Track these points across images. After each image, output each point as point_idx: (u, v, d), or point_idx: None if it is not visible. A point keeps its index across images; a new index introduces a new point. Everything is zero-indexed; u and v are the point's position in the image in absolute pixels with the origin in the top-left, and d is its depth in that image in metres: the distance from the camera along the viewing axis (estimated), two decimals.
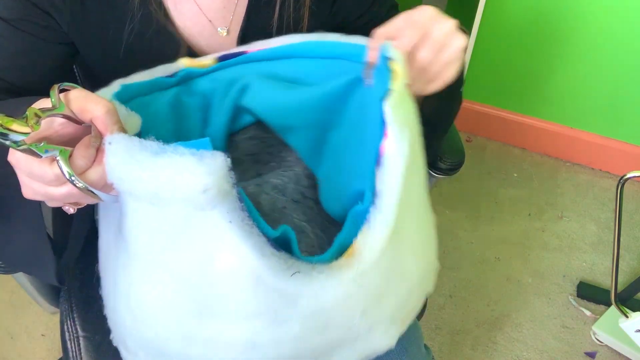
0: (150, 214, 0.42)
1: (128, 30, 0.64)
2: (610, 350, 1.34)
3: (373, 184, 0.46)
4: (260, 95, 0.60)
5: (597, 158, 1.83)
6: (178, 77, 0.60)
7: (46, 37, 0.63)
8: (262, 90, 0.60)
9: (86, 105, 0.42)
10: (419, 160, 0.53)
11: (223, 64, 0.62)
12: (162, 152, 0.38)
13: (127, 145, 0.39)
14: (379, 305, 0.47)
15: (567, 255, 1.57)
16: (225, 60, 0.62)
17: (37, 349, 1.29)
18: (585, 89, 1.72)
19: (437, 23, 0.54)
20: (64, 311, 0.76)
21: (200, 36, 0.69)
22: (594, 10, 1.57)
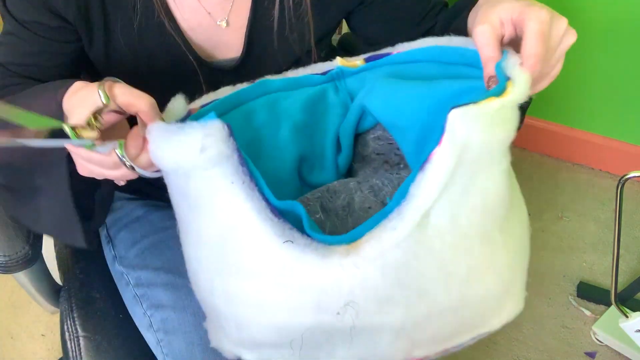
0: (179, 185, 0.49)
1: (130, 24, 0.65)
2: (610, 350, 1.34)
3: (407, 187, 0.46)
4: (376, 94, 0.62)
5: (597, 158, 1.83)
6: (329, 75, 0.65)
7: (59, 38, 0.64)
8: (379, 90, 0.62)
9: (131, 100, 0.49)
10: (500, 190, 0.52)
11: (370, 64, 0.65)
12: (180, 128, 0.45)
13: (160, 131, 0.47)
14: (378, 308, 0.46)
15: (567, 255, 1.57)
16: (373, 60, 0.65)
17: (37, 349, 1.29)
18: (585, 89, 1.72)
19: (554, 26, 0.53)
20: (64, 311, 0.76)
21: (199, 28, 0.69)
22: (594, 11, 1.57)
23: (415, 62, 0.64)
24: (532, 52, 0.49)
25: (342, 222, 0.57)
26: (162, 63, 0.68)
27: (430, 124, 0.60)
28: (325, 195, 0.59)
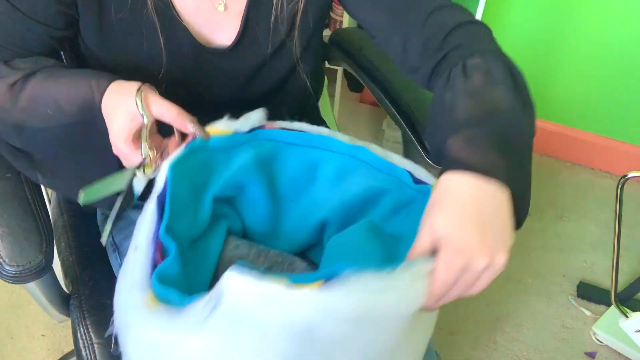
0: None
1: (124, 3, 0.65)
2: (610, 350, 1.34)
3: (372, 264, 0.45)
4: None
5: (597, 158, 1.83)
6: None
7: (53, 24, 0.64)
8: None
9: (162, 111, 0.57)
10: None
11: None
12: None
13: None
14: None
15: (567, 255, 1.57)
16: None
17: (37, 349, 1.29)
18: (585, 89, 1.72)
19: (474, 262, 0.46)
20: (76, 319, 0.76)
21: (198, 11, 0.69)
22: (594, 11, 1.57)
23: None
24: (434, 287, 0.46)
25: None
26: (156, 45, 0.68)
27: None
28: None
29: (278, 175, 0.67)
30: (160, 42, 0.67)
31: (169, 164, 0.56)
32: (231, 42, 0.71)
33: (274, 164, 0.66)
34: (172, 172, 0.56)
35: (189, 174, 0.59)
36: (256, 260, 0.62)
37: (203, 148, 0.60)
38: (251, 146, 0.64)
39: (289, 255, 0.64)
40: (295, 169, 0.67)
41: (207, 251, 0.62)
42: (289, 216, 0.69)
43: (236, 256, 0.62)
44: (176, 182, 0.56)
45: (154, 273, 0.49)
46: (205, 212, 0.61)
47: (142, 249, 0.51)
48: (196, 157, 0.60)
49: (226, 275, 0.42)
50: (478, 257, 0.45)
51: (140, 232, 0.53)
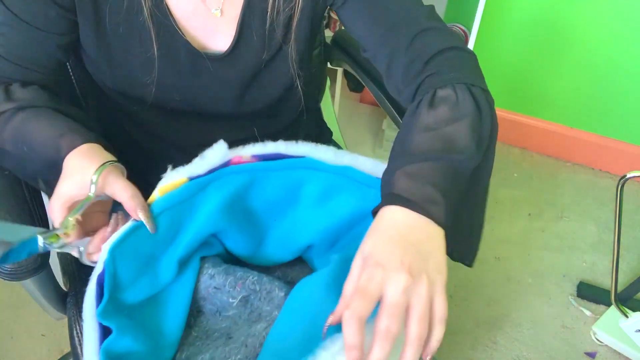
0: None
1: (120, 6, 0.65)
2: (610, 350, 1.34)
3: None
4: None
5: (597, 158, 1.83)
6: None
7: (54, 30, 0.64)
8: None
9: (115, 190, 0.55)
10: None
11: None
12: None
13: None
14: None
15: (567, 255, 1.57)
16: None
17: (37, 349, 1.29)
18: (585, 89, 1.73)
19: (388, 284, 0.46)
20: (72, 316, 0.76)
21: (193, 16, 0.69)
22: (594, 11, 1.57)
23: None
24: (345, 290, 0.49)
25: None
26: (150, 51, 0.68)
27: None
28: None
29: (255, 202, 0.64)
30: (154, 48, 0.67)
31: (109, 247, 0.54)
32: (227, 47, 0.71)
33: (250, 193, 0.63)
34: (112, 254, 0.54)
35: (136, 245, 0.57)
36: (232, 290, 0.60)
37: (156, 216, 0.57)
38: (215, 187, 0.60)
39: (268, 281, 0.61)
40: (275, 192, 0.63)
41: (175, 292, 0.60)
42: (273, 236, 0.66)
43: (211, 286, 0.61)
44: (119, 261, 0.55)
45: (101, 351, 0.51)
46: (170, 274, 0.59)
47: (87, 324, 0.53)
48: (145, 231, 0.57)
49: None
50: (397, 273, 0.46)
51: (85, 307, 0.54)
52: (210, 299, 0.61)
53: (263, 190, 0.63)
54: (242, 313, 0.60)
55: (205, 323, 0.61)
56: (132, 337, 0.53)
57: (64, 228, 0.53)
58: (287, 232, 0.66)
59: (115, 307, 0.54)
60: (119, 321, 0.53)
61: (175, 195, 0.58)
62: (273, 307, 0.59)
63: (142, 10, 0.65)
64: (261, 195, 0.63)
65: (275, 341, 0.54)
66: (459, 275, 1.50)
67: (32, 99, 0.64)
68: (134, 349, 0.53)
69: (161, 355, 0.56)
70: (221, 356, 0.55)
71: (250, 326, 0.58)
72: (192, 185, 0.59)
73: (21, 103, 0.63)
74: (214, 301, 0.61)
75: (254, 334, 0.56)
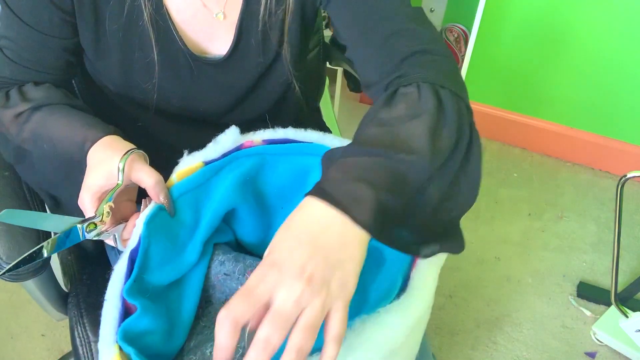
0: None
1: (120, 11, 0.65)
2: (610, 350, 1.34)
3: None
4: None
5: (597, 158, 1.83)
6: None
7: (59, 34, 0.65)
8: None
9: (143, 177, 0.57)
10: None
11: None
12: None
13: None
14: None
15: (567, 255, 1.57)
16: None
17: (37, 349, 1.29)
18: (585, 89, 1.73)
19: (280, 289, 0.41)
20: (74, 317, 0.76)
21: (193, 19, 0.69)
22: (594, 11, 1.57)
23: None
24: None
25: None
26: (150, 56, 0.68)
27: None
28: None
29: (266, 187, 0.65)
30: (154, 52, 0.67)
31: (144, 220, 0.56)
32: (226, 51, 0.71)
33: (260, 177, 0.65)
34: (147, 228, 0.56)
35: (165, 226, 0.58)
36: (241, 277, 0.61)
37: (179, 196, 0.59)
38: (229, 170, 0.62)
39: None
40: (284, 177, 0.65)
41: (192, 277, 0.61)
42: (280, 223, 0.67)
43: (221, 272, 0.62)
44: (152, 236, 0.56)
45: (119, 329, 0.51)
46: (195, 256, 0.60)
47: (110, 303, 0.53)
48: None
49: None
50: (293, 280, 0.41)
51: (110, 285, 0.54)
52: (219, 287, 0.62)
53: (272, 175, 0.65)
54: None
55: (214, 313, 0.62)
56: (151, 319, 0.53)
57: (99, 215, 0.56)
58: None
59: (140, 287, 0.55)
60: (143, 302, 0.53)
61: (192, 180, 0.60)
62: None
63: (142, 15, 0.65)
64: (271, 180, 0.65)
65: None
66: (459, 275, 1.50)
67: (47, 97, 0.66)
68: (151, 331, 0.53)
69: (174, 341, 0.57)
70: None
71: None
72: (207, 170, 0.61)
73: (37, 102, 0.65)
74: (223, 289, 0.62)
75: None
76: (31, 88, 0.66)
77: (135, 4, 0.64)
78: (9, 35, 0.65)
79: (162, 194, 0.57)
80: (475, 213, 1.67)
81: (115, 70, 0.69)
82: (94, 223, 0.57)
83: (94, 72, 0.72)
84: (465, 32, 1.66)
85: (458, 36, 1.67)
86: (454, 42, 1.65)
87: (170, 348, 0.56)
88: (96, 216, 0.56)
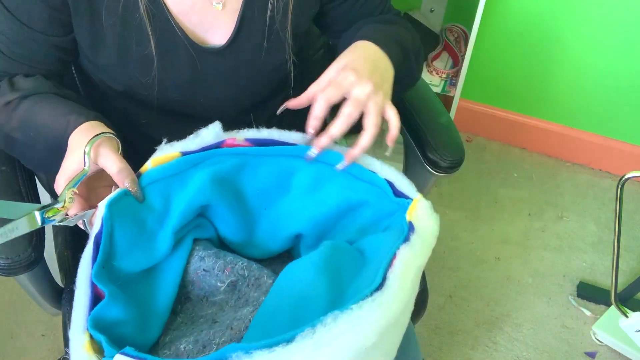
0: None
1: (117, 10, 0.65)
2: (610, 350, 1.35)
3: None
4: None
5: (597, 158, 1.83)
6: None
7: (48, 31, 0.65)
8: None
9: (107, 164, 0.57)
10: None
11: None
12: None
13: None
14: None
15: (567, 255, 1.57)
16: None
17: (37, 349, 1.29)
18: (585, 89, 1.72)
19: (358, 85, 0.62)
20: (67, 312, 0.76)
21: (192, 10, 0.68)
22: (594, 11, 1.57)
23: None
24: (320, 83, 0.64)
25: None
26: (147, 49, 0.68)
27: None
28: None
29: (247, 187, 0.65)
30: (151, 45, 0.67)
31: (106, 202, 0.55)
32: (226, 40, 0.71)
33: (242, 177, 0.64)
34: (110, 211, 0.55)
35: (131, 210, 0.58)
36: (221, 274, 0.61)
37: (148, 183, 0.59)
38: (208, 164, 0.62)
39: (257, 268, 0.61)
40: (267, 179, 0.65)
41: (168, 269, 0.61)
42: (263, 225, 0.67)
43: (201, 268, 0.61)
44: (116, 220, 0.56)
45: (89, 317, 0.50)
46: (166, 246, 0.59)
47: (79, 290, 0.53)
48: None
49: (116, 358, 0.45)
50: (365, 80, 0.62)
51: (79, 271, 0.54)
52: (198, 283, 0.61)
53: (254, 177, 0.64)
54: (229, 299, 0.61)
55: (192, 309, 0.61)
56: (121, 308, 0.53)
57: (61, 202, 0.55)
58: (277, 220, 0.66)
59: (110, 274, 0.55)
60: (111, 288, 0.53)
61: (166, 168, 0.60)
62: (261, 293, 0.59)
63: (137, 9, 0.65)
64: (252, 182, 0.65)
65: (261, 323, 0.54)
66: (459, 275, 1.50)
67: (35, 87, 0.66)
68: (122, 320, 0.53)
69: (148, 334, 0.56)
70: (205, 338, 0.55)
71: (236, 311, 0.58)
72: (184, 161, 0.61)
73: (25, 92, 0.65)
74: (202, 285, 0.61)
75: (240, 317, 0.56)
76: (21, 79, 0.67)
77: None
78: (1, 30, 0.65)
79: (127, 180, 0.57)
80: (475, 213, 1.67)
81: (114, 66, 0.69)
82: (56, 209, 0.55)
83: (93, 71, 0.72)
84: (465, 32, 1.66)
85: (458, 36, 1.67)
86: (454, 42, 1.65)
87: (143, 340, 0.56)
88: (57, 202, 0.55)
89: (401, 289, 0.50)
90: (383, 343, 0.49)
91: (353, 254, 0.61)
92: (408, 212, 0.58)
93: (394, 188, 0.63)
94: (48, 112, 0.64)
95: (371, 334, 0.46)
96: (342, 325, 0.45)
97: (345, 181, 0.64)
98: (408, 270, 0.52)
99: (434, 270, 1.49)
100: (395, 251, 0.53)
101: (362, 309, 0.47)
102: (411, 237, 0.55)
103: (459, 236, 1.60)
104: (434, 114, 0.89)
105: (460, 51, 1.62)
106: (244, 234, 0.67)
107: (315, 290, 0.54)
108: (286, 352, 0.44)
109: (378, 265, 0.52)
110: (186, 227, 0.62)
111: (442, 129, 0.86)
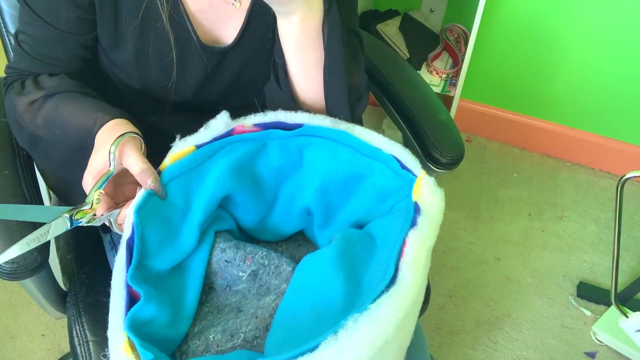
0: None
1: (138, 4, 0.65)
2: (610, 350, 1.35)
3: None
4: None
5: (597, 158, 1.83)
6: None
7: (75, 31, 0.66)
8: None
9: (130, 164, 0.58)
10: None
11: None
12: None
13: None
14: None
15: (567, 255, 1.57)
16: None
17: (37, 349, 1.29)
18: (585, 89, 1.72)
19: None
20: (72, 316, 0.76)
21: (210, 9, 0.69)
22: (594, 11, 1.57)
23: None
24: None
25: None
26: (168, 55, 0.68)
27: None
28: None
29: (262, 169, 0.67)
30: (172, 53, 0.68)
31: (134, 209, 0.56)
32: (235, 36, 0.71)
33: (256, 162, 0.66)
34: (138, 216, 0.56)
35: (157, 210, 0.59)
36: (242, 264, 0.62)
37: (169, 182, 0.60)
38: (222, 155, 0.63)
39: (276, 256, 0.63)
40: (280, 157, 0.66)
41: (194, 263, 0.62)
42: (280, 202, 0.69)
43: (223, 259, 0.63)
44: (145, 224, 0.57)
45: (126, 318, 0.52)
46: (192, 239, 0.60)
47: (115, 292, 0.54)
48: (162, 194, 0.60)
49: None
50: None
51: (114, 275, 0.55)
52: (221, 273, 0.63)
53: (268, 158, 0.66)
54: (252, 287, 0.63)
55: (216, 299, 0.63)
56: (156, 306, 0.54)
57: (90, 201, 0.56)
58: (292, 195, 0.68)
59: (143, 274, 0.56)
60: (147, 289, 0.54)
61: (184, 163, 0.61)
62: (281, 281, 0.61)
63: (159, 17, 0.65)
64: (267, 163, 0.66)
65: (286, 315, 0.56)
66: (459, 275, 1.50)
67: (60, 86, 0.67)
68: (157, 318, 0.54)
69: (179, 327, 0.58)
70: (232, 328, 0.57)
71: (259, 299, 0.60)
72: (199, 153, 0.62)
73: (50, 90, 0.66)
74: (224, 275, 0.63)
75: (264, 305, 0.59)
76: (45, 78, 0.68)
77: (152, 4, 0.65)
78: (27, 31, 0.66)
79: (150, 179, 0.58)
80: (475, 213, 1.67)
81: (132, 66, 0.70)
82: (84, 211, 0.56)
83: (111, 67, 0.73)
84: (465, 32, 1.66)
85: (458, 36, 1.67)
86: (454, 42, 1.65)
87: (175, 334, 0.57)
88: (85, 204, 0.56)
89: (414, 277, 0.50)
90: (400, 333, 0.50)
91: (364, 241, 0.62)
92: (413, 191, 0.59)
93: (400, 163, 0.64)
94: (74, 110, 0.64)
95: (390, 328, 0.46)
96: (362, 328, 0.46)
97: (349, 157, 0.65)
98: (419, 256, 0.52)
99: (434, 270, 1.49)
100: (404, 238, 0.54)
101: (381, 307, 0.47)
102: (418, 220, 0.55)
103: (459, 236, 1.60)
104: (433, 111, 0.89)
105: (460, 51, 1.62)
106: (262, 214, 0.68)
107: (332, 283, 0.56)
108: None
109: (389, 253, 0.53)
110: (207, 219, 0.63)
111: (441, 126, 0.86)
